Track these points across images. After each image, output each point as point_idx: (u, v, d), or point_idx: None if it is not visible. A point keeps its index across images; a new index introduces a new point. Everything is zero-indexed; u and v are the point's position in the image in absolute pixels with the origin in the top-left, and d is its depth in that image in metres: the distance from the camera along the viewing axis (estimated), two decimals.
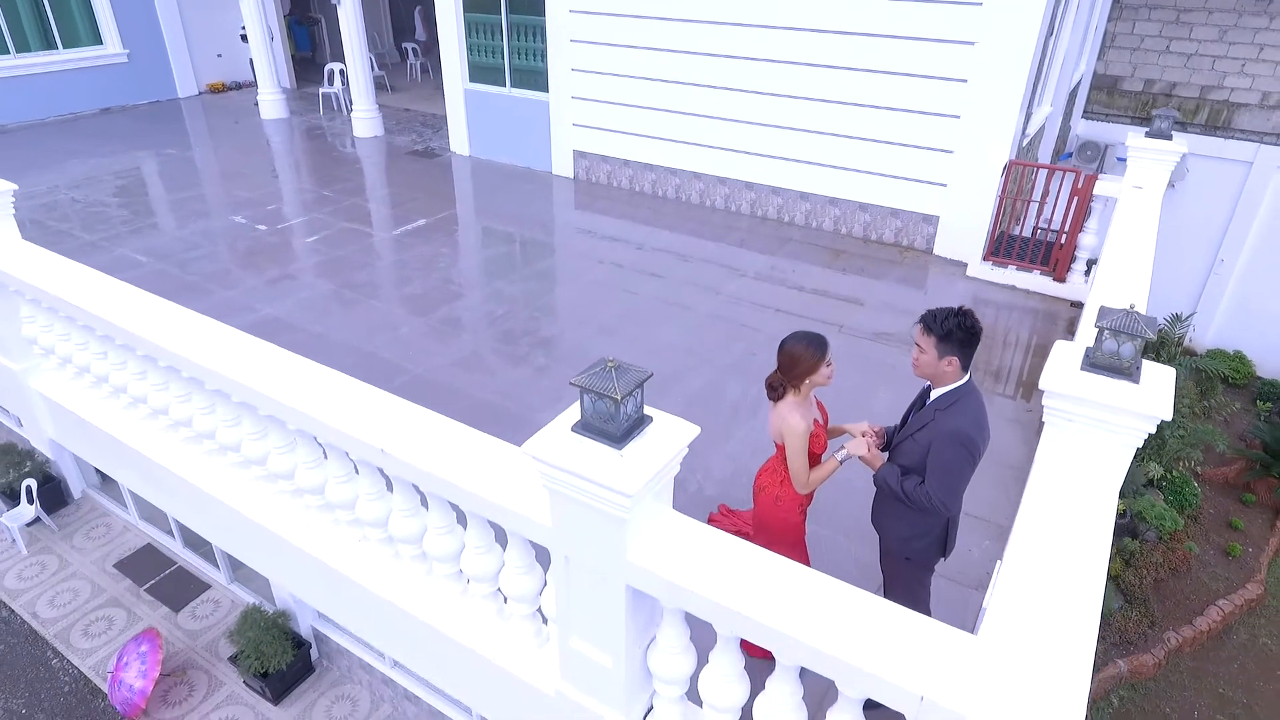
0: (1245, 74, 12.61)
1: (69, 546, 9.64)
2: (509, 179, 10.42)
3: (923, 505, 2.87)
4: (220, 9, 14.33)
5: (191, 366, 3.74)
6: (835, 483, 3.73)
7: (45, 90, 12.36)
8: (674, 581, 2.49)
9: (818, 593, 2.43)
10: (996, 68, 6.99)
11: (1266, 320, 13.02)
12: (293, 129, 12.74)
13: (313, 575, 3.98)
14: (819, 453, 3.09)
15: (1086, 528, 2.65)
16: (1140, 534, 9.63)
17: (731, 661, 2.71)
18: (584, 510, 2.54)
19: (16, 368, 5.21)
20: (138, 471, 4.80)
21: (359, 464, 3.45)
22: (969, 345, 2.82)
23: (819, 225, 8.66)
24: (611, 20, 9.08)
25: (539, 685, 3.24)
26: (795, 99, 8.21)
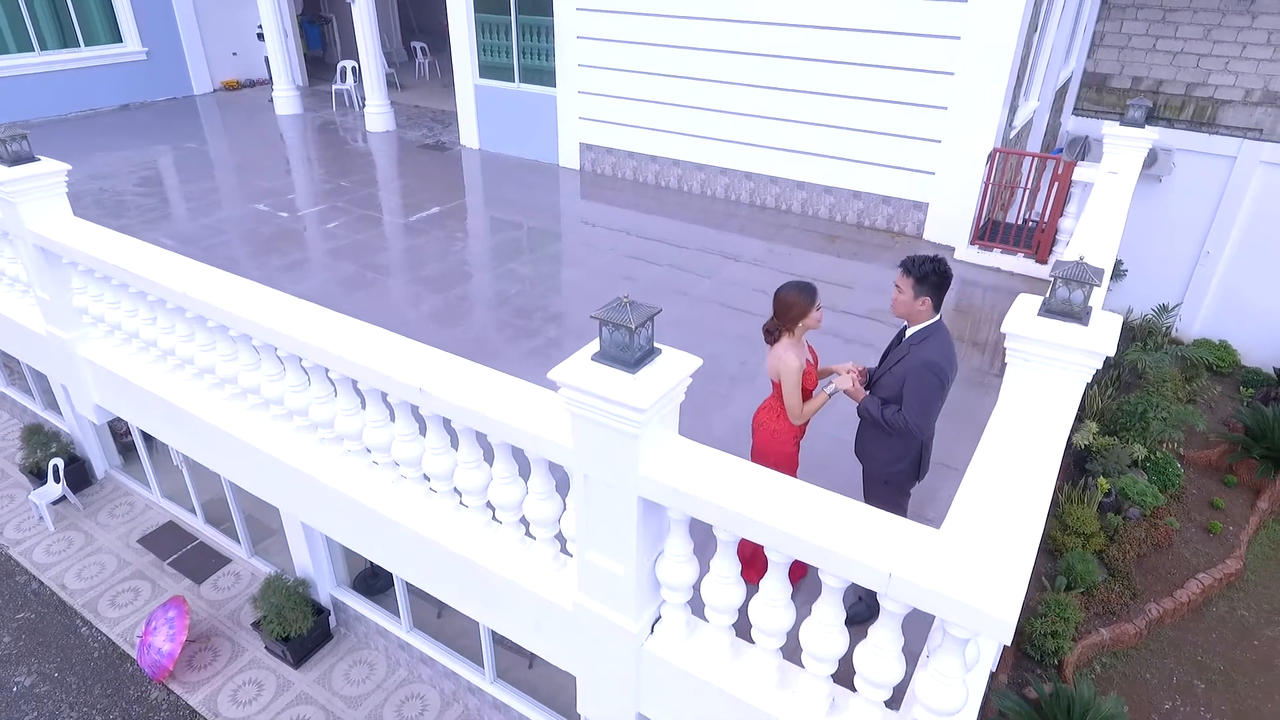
0: (1229, 71, 13.02)
1: (94, 524, 10.07)
2: (518, 170, 10.83)
3: (900, 429, 3.28)
4: (235, 8, 14.76)
5: (241, 323, 4.14)
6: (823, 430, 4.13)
7: (68, 87, 12.78)
8: (680, 489, 2.89)
9: (804, 497, 2.83)
10: (981, 61, 7.41)
11: (1251, 311, 13.42)
12: (307, 124, 13.17)
13: (351, 516, 4.37)
14: (810, 389, 3.49)
15: (1039, 447, 3.05)
16: (1124, 511, 10.02)
17: (729, 565, 3.11)
18: (601, 430, 2.94)
19: (66, 336, 5.61)
20: (182, 429, 5.19)
21: (396, 406, 3.85)
22: (941, 288, 3.24)
23: (815, 213, 9.08)
24: (617, 18, 9.50)
25: (559, 602, 3.63)
26: (791, 92, 8.63)
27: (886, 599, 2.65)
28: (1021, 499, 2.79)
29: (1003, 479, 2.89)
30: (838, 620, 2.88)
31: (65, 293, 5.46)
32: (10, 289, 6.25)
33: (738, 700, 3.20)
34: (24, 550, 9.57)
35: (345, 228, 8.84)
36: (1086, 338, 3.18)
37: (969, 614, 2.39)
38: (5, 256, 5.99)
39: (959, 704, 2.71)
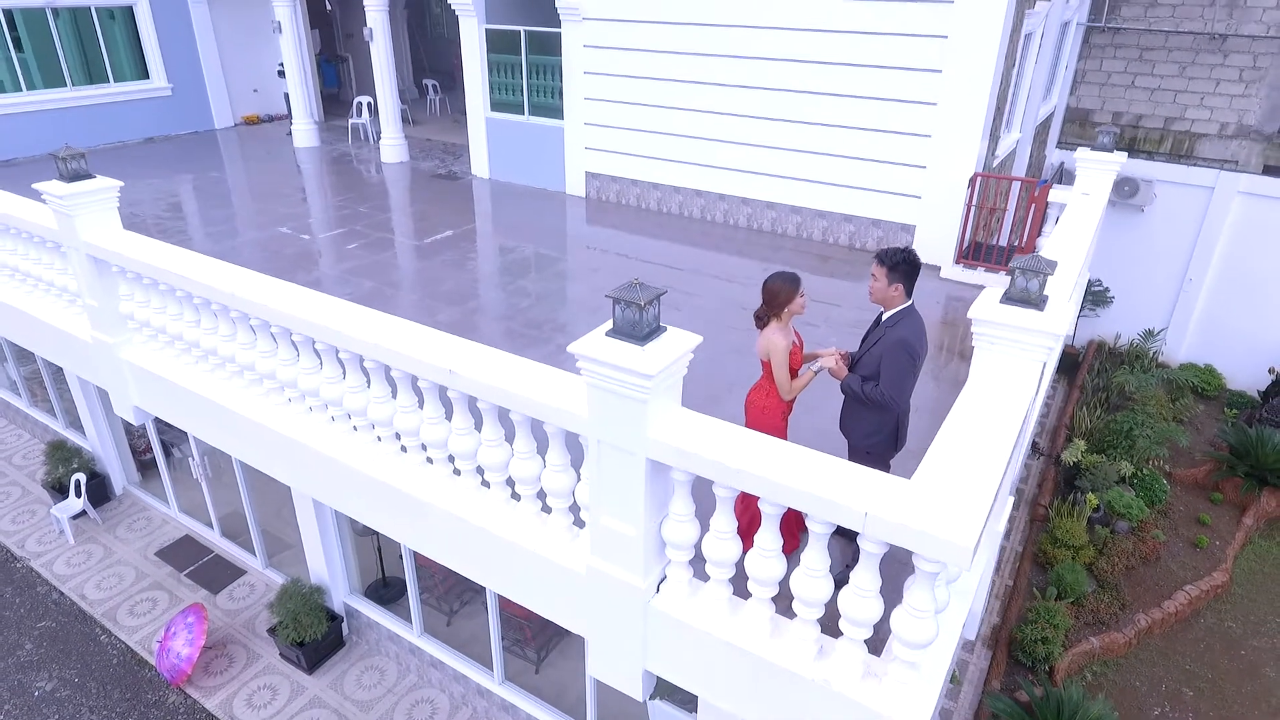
0: (1204, 106, 13.66)
1: (113, 537, 10.41)
2: (526, 198, 11.38)
3: (878, 401, 3.69)
4: (256, 48, 15.48)
5: (282, 317, 4.56)
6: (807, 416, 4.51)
7: (97, 120, 13.40)
8: (684, 449, 3.28)
9: (792, 453, 3.23)
10: (961, 93, 7.96)
11: (1234, 336, 13.85)
12: (324, 156, 13.78)
13: (381, 499, 4.74)
14: (796, 369, 3.91)
15: (1000, 415, 3.45)
16: (1113, 525, 10.35)
17: (728, 521, 3.49)
18: (614, 397, 3.35)
19: (112, 341, 6.03)
20: (218, 423, 5.58)
21: (425, 391, 4.25)
22: (911, 275, 3.69)
23: (809, 236, 9.58)
24: (621, 54, 10.12)
25: (573, 567, 4.00)
26: (786, 122, 9.18)
27: (865, 540, 3.03)
28: (982, 455, 3.18)
29: (967, 440, 3.28)
30: (823, 566, 3.25)
31: (113, 299, 5.89)
32: (58, 300, 6.69)
33: (736, 648, 3.55)
34: (45, 562, 9.89)
35: (363, 249, 9.33)
36: (1042, 321, 3.60)
37: (933, 543, 2.77)
38: (56, 268, 6.44)
39: (930, 636, 3.08)
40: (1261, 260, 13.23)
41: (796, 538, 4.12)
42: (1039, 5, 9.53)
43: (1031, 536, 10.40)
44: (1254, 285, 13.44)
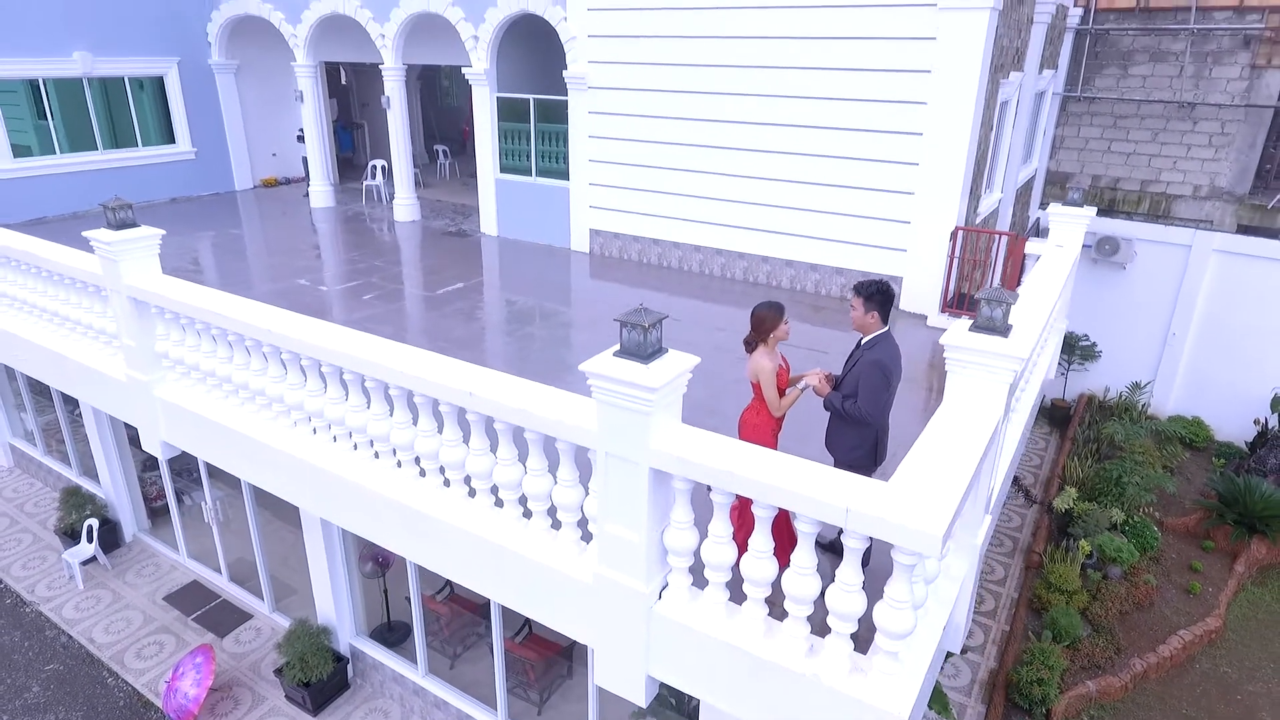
0: (1178, 170, 14.37)
1: (122, 583, 10.61)
2: (533, 254, 11.93)
3: (856, 417, 4.07)
4: (276, 115, 16.33)
5: (314, 349, 4.96)
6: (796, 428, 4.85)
7: (124, 181, 14.08)
8: (684, 457, 3.64)
9: (781, 460, 3.58)
10: (941, 153, 8.55)
11: (1219, 388, 14.24)
12: (340, 215, 14.43)
13: (400, 521, 5.05)
14: (783, 389, 4.29)
15: (969, 429, 3.82)
16: (1105, 570, 10.55)
17: (724, 526, 3.81)
18: (621, 411, 3.72)
19: (145, 379, 6.41)
20: (244, 454, 5.92)
21: (445, 415, 4.62)
22: (885, 304, 4.12)
23: (802, 287, 10.07)
24: (624, 119, 10.81)
25: (581, 578, 4.29)
26: (779, 181, 9.78)
27: (847, 536, 3.36)
28: (952, 461, 3.54)
29: (939, 450, 3.64)
30: (811, 564, 3.57)
31: (149, 339, 6.30)
32: (94, 342, 7.10)
33: (734, 648, 3.83)
34: (54, 607, 10.05)
35: (379, 299, 9.81)
36: (1007, 346, 4.00)
37: (906, 533, 3.11)
38: (95, 312, 6.87)
39: (908, 627, 3.38)
40: (1240, 315, 13.73)
41: (788, 554, 4.42)
42: (1013, 75, 10.24)
43: (1027, 583, 10.57)
44: (1235, 339, 13.90)
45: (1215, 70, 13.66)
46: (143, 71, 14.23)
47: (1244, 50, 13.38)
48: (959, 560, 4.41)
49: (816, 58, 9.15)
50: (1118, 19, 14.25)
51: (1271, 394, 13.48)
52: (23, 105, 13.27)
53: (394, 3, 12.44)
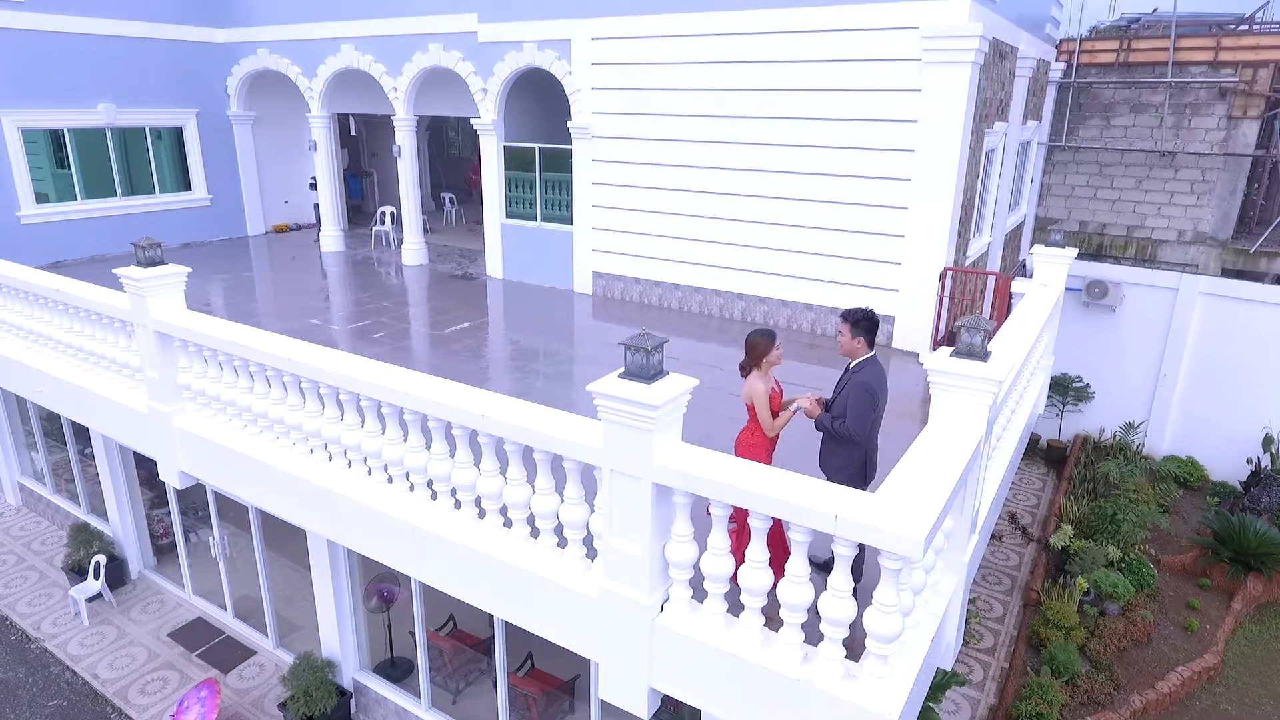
0: (1162, 215, 14.83)
1: (127, 619, 10.71)
2: (538, 295, 12.30)
3: (845, 436, 4.33)
4: (289, 162, 16.91)
5: (334, 378, 5.24)
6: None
7: (141, 226, 14.53)
8: (684, 471, 3.88)
9: (774, 473, 3.83)
10: (929, 197, 8.96)
11: (1212, 428, 14.46)
12: (350, 259, 14.85)
13: (415, 543, 5.25)
14: (777, 410, 4.56)
15: (951, 445, 4.07)
16: (1103, 607, 10.65)
17: (722, 538, 4.04)
18: (625, 429, 3.97)
19: (167, 410, 6.67)
20: (261, 481, 6.14)
21: (457, 438, 4.87)
22: (871, 331, 4.42)
23: (798, 327, 10.39)
24: (626, 167, 11.28)
25: (586, 592, 4.50)
26: (775, 225, 10.19)
27: (837, 544, 3.59)
28: (934, 475, 3.78)
29: (922, 464, 3.89)
30: (805, 572, 3.78)
31: (172, 371, 6.58)
32: (117, 376, 7.38)
33: (733, 657, 4.02)
34: (59, 643, 10.14)
35: (388, 338, 10.12)
36: (985, 369, 4.28)
37: (890, 538, 3.34)
38: (120, 346, 7.17)
39: (896, 630, 3.58)
40: (1229, 356, 14.03)
41: (782, 567, 4.63)
42: (997, 125, 10.72)
43: (1025, 620, 10.66)
44: (1225, 380, 14.17)
45: (1194, 121, 14.22)
46: (163, 122, 14.81)
47: (1220, 102, 13.95)
48: (947, 576, 4.61)
49: (809, 108, 9.63)
50: (1099, 73, 14.88)
51: (1263, 433, 13.70)
52: (42, 155, 13.80)
53: (406, 57, 13.05)
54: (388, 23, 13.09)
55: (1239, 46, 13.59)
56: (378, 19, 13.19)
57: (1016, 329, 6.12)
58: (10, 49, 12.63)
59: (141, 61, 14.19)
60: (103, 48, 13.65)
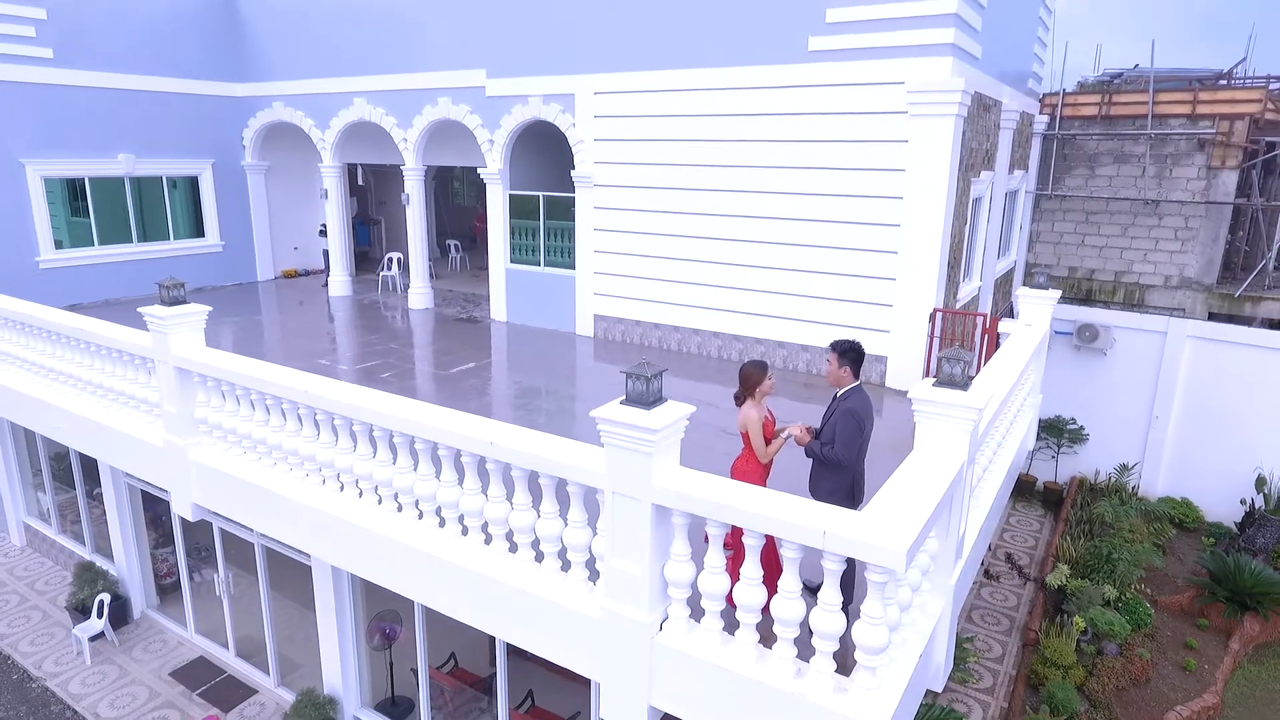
0: (1148, 261, 15.24)
1: (128, 658, 10.78)
2: (541, 337, 12.61)
3: (833, 460, 4.57)
4: (299, 210, 17.42)
5: (347, 408, 5.49)
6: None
7: (156, 271, 14.92)
8: (682, 493, 4.12)
9: (766, 494, 4.06)
10: (918, 241, 9.33)
11: (1205, 469, 14.63)
12: (358, 303, 15.23)
13: (421, 569, 5.44)
14: (769, 437, 4.81)
15: (933, 469, 4.31)
16: (1101, 646, 10.70)
17: (718, 557, 4.25)
18: (626, 453, 4.22)
19: (183, 443, 6.91)
20: (273, 511, 6.35)
21: (466, 466, 5.10)
22: (857, 361, 4.70)
23: (794, 367, 10.67)
24: (627, 214, 11.71)
25: (589, 613, 4.68)
26: (770, 269, 10.55)
27: (826, 559, 3.81)
28: (916, 495, 4.02)
29: (906, 485, 4.13)
30: (796, 588, 3.99)
31: (190, 406, 6.84)
32: (134, 411, 7.63)
33: (729, 673, 4.19)
34: (60, 682, 10.19)
35: (396, 377, 10.39)
36: (965, 398, 4.54)
37: (874, 550, 3.57)
38: (140, 383, 7.44)
39: (883, 642, 3.78)
40: (1219, 397, 14.27)
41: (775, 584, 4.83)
42: (983, 175, 11.17)
43: (1024, 660, 10.70)
44: (1216, 421, 14.39)
45: (1175, 170, 14.73)
46: (180, 171, 15.34)
47: (1199, 153, 14.47)
48: (934, 598, 4.80)
49: (802, 158, 10.07)
50: (1082, 125, 15.45)
51: (1255, 474, 13.87)
52: (59, 202, 14.27)
53: (416, 110, 13.61)
54: (399, 78, 13.68)
55: (1215, 100, 14.16)
56: (390, 74, 13.79)
57: (999, 364, 6.40)
58: (38, 102, 13.19)
59: (162, 114, 14.78)
60: (126, 101, 14.24)
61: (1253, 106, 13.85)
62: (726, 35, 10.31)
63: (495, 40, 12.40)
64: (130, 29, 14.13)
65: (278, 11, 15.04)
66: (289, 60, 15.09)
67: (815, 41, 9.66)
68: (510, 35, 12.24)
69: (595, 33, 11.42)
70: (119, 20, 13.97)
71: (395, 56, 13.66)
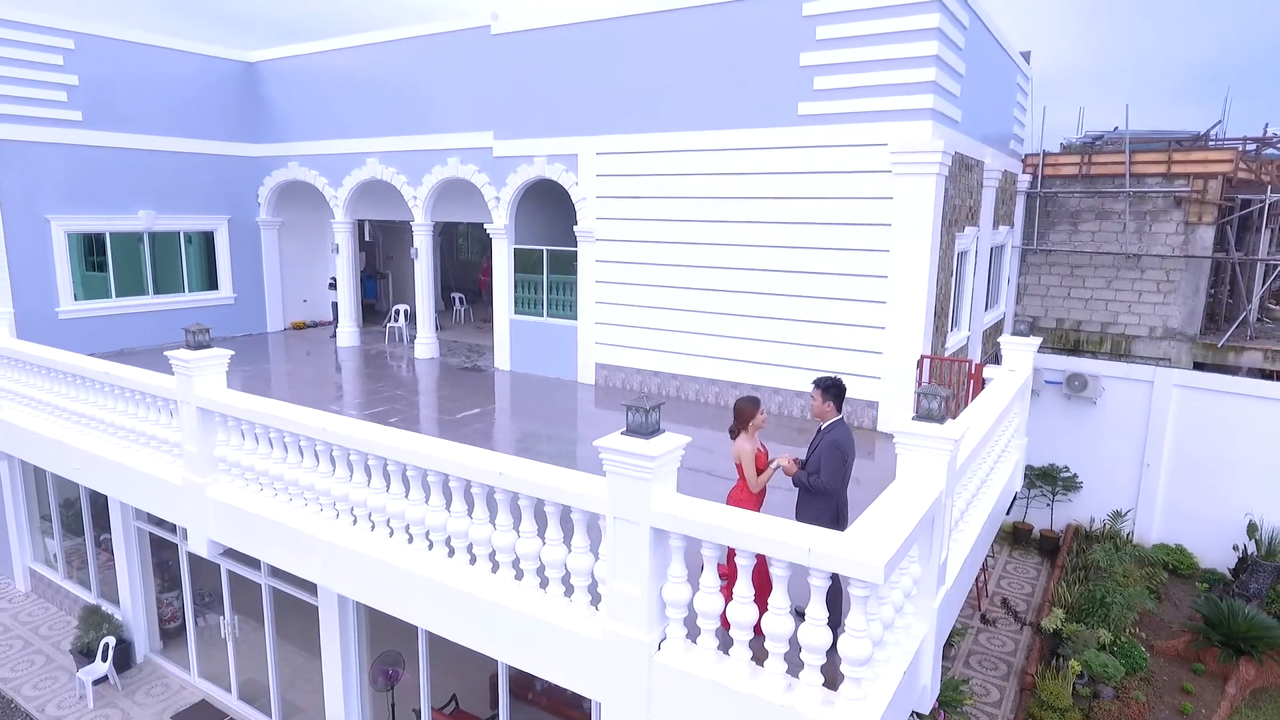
0: (1132, 313, 15.71)
1: (131, 702, 10.87)
2: (544, 385, 12.99)
3: (819, 488, 4.90)
4: (309, 264, 18.00)
5: (363, 444, 5.83)
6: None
7: (170, 322, 15.41)
8: (679, 516, 4.44)
9: (756, 517, 4.38)
10: (904, 291, 9.79)
11: (1198, 517, 14.82)
12: (365, 353, 15.65)
13: (431, 598, 5.71)
14: (761, 468, 5.14)
15: (912, 495, 4.63)
16: (1097, 690, 10.79)
17: (713, 578, 4.54)
18: (626, 480, 4.55)
19: (201, 481, 7.22)
20: (288, 545, 6.62)
21: (475, 496, 5.42)
22: (839, 397, 5.08)
23: (789, 413, 11.02)
24: (627, 266, 12.21)
25: (591, 635, 4.94)
26: (765, 319, 11.00)
27: (811, 576, 4.11)
28: (895, 517, 4.34)
29: (885, 510, 4.45)
30: (786, 604, 4.27)
31: (210, 445, 7.18)
32: (154, 452, 7.96)
33: (723, 688, 4.44)
34: None
35: (403, 422, 10.72)
36: (942, 430, 4.89)
37: (854, 565, 3.87)
38: (160, 423, 7.78)
39: (867, 654, 4.05)
40: (1207, 445, 14.57)
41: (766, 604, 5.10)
42: (968, 230, 11.71)
43: (1021, 704, 10.76)
44: (1205, 468, 14.66)
45: (1154, 226, 15.32)
46: (197, 227, 15.95)
47: (1177, 209, 15.09)
48: (919, 621, 5.06)
49: (793, 213, 10.62)
50: (1064, 184, 16.12)
51: (1246, 520, 14.07)
52: (77, 257, 14.79)
53: (426, 170, 14.26)
54: (410, 139, 14.38)
55: (1189, 160, 14.84)
56: (401, 135, 14.50)
57: (980, 404, 6.76)
58: (66, 161, 13.84)
59: (182, 172, 15.46)
60: (148, 160, 14.91)
61: (1224, 166, 14.50)
62: (721, 100, 10.97)
63: (502, 105, 13.11)
64: (155, 93, 14.90)
65: (295, 78, 15.85)
66: (304, 122, 15.85)
67: (804, 106, 10.30)
68: (516, 100, 12.95)
69: (597, 98, 12.11)
70: (145, 85, 14.75)
71: (406, 119, 14.38)
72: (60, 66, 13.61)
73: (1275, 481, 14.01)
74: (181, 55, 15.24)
